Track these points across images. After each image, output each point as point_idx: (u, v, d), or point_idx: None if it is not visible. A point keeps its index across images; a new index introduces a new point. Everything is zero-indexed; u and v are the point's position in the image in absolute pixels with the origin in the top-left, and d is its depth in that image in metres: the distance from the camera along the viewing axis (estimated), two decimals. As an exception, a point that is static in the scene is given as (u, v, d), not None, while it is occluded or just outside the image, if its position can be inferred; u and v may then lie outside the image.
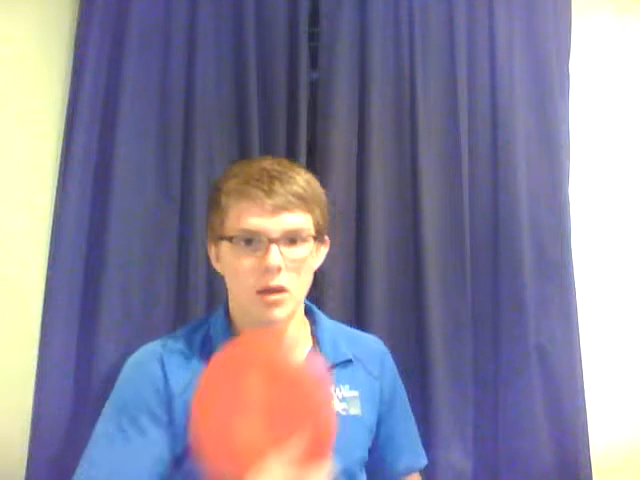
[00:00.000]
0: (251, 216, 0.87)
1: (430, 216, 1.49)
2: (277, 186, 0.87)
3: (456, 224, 1.50)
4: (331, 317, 1.10)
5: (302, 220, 0.89)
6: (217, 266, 0.97)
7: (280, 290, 0.88)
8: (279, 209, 0.86)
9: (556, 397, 1.45)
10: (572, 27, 1.59)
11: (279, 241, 0.87)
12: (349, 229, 1.48)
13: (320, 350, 0.96)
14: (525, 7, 1.57)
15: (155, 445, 0.87)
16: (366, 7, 1.53)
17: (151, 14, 1.48)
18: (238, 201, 0.88)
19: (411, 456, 1.08)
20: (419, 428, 1.16)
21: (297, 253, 0.89)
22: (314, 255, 0.94)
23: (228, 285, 0.96)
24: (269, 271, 0.86)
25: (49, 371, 1.36)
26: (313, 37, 1.54)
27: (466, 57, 1.55)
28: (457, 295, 1.48)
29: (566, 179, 1.54)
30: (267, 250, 0.86)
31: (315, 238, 0.93)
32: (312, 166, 1.43)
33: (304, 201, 0.89)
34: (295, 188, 0.88)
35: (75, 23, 1.49)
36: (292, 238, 0.89)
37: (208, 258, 1.01)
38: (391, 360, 1.09)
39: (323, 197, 0.96)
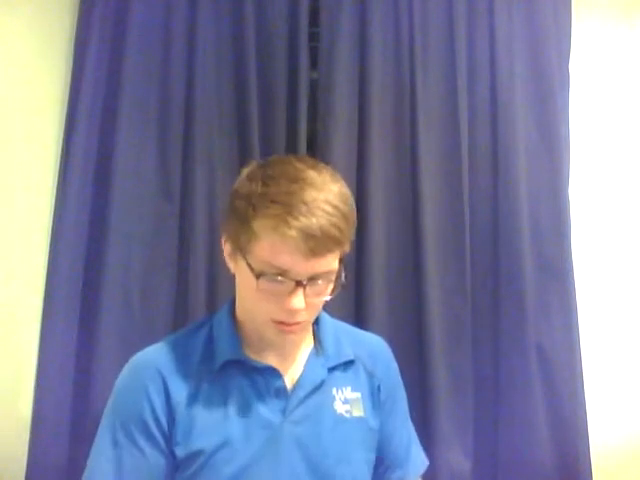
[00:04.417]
0: (283, 255, 0.80)
1: (430, 216, 1.49)
2: (316, 227, 0.79)
3: (456, 224, 1.50)
4: (331, 316, 1.09)
5: (332, 262, 0.84)
6: (230, 264, 0.91)
7: (297, 323, 0.86)
8: (314, 254, 0.80)
9: (556, 397, 1.45)
10: (572, 28, 1.59)
11: (305, 283, 0.82)
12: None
13: (323, 350, 0.95)
14: (525, 8, 1.57)
15: (151, 465, 0.86)
16: (366, 7, 1.53)
17: (151, 14, 1.49)
18: (273, 233, 0.80)
19: (409, 465, 1.04)
20: (419, 428, 1.15)
21: (320, 292, 0.85)
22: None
23: (238, 290, 0.92)
24: (290, 312, 0.83)
25: (49, 372, 1.36)
26: (313, 37, 1.54)
27: (466, 57, 1.55)
28: (457, 295, 1.48)
29: (566, 179, 1.54)
30: (293, 292, 0.82)
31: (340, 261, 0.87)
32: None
33: (339, 244, 0.83)
34: (334, 232, 0.80)
35: (75, 23, 1.50)
36: (318, 279, 0.84)
37: (208, 258, 0.97)
38: (394, 363, 1.07)
39: (355, 218, 0.88)
